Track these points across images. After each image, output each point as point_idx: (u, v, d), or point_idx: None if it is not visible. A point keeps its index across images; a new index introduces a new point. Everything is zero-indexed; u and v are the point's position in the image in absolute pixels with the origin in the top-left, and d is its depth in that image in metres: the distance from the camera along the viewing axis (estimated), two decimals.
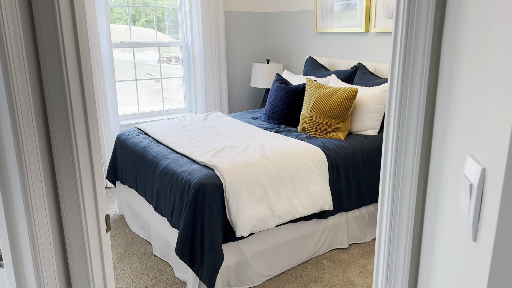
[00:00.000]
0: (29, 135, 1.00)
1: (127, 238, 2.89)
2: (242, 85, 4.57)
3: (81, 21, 1.08)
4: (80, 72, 1.10)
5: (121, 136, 3.04)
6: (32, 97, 1.01)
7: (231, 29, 4.35)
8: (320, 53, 4.01)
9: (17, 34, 0.96)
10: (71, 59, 1.06)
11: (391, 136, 0.96)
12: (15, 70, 0.96)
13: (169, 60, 4.29)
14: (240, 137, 2.76)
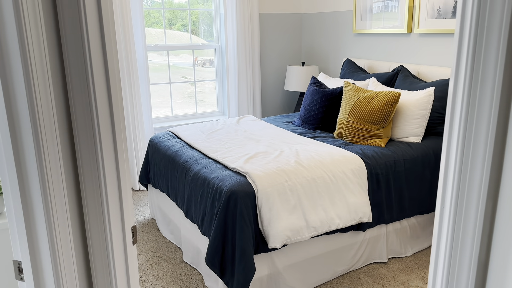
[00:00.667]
0: (51, 143, 0.94)
1: (158, 243, 2.85)
2: (276, 88, 4.47)
3: (109, 29, 1.01)
4: (107, 80, 1.03)
5: (154, 140, 3.01)
6: (56, 103, 0.95)
7: (265, 31, 4.26)
8: (358, 55, 3.85)
9: (41, 44, 0.90)
10: (97, 66, 0.99)
11: (455, 144, 0.82)
12: (38, 77, 0.91)
13: (204, 64, 4.26)
14: (273, 143, 2.66)
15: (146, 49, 3.59)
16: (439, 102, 2.80)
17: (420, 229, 2.73)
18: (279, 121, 3.41)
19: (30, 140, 0.92)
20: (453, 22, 2.95)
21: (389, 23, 3.44)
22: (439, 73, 3.01)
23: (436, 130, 2.82)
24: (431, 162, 2.64)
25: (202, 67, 4.26)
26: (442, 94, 2.80)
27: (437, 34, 3.10)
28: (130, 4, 3.43)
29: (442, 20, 3.02)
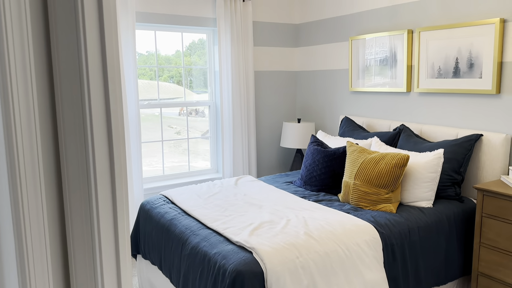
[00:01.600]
0: (33, 196, 0.74)
1: None
2: (271, 145, 4.34)
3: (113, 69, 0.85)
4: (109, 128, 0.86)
5: (146, 205, 2.78)
6: (42, 152, 0.76)
7: (260, 87, 4.21)
8: (356, 113, 3.78)
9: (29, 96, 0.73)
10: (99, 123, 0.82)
11: None
12: (20, 116, 0.72)
13: (190, 113, 4.14)
14: (277, 209, 2.47)
15: (139, 106, 3.45)
16: (448, 164, 2.69)
17: None
18: (278, 182, 3.23)
19: (6, 191, 0.71)
20: (454, 82, 2.92)
21: (388, 81, 3.41)
22: (442, 133, 2.93)
23: (446, 193, 2.68)
24: (445, 228, 2.47)
25: (189, 116, 4.14)
26: (451, 155, 2.69)
27: (438, 94, 3.06)
28: (123, 58, 3.33)
29: (443, 80, 2.99)
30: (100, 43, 0.81)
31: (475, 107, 2.83)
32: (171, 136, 4.00)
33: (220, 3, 3.70)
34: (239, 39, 3.85)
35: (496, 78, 2.65)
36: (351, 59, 3.70)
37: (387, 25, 3.39)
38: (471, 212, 2.62)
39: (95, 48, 0.79)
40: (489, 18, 2.69)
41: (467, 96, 2.87)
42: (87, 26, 0.76)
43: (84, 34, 0.76)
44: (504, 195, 2.27)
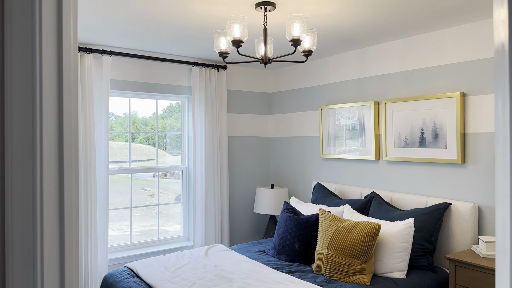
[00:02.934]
0: None
1: None
2: (245, 211, 4.27)
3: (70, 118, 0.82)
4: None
5: (109, 279, 2.61)
6: None
7: (234, 153, 4.23)
8: (328, 179, 3.82)
9: None
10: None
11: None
12: None
13: (165, 175, 4.07)
14: (248, 282, 2.36)
15: (108, 172, 3.37)
16: (419, 233, 2.69)
17: None
18: (251, 251, 3.13)
19: None
20: (421, 151, 3.02)
21: (357, 149, 3.50)
22: (413, 201, 2.97)
23: (419, 263, 2.66)
24: None
25: (163, 178, 4.06)
26: (421, 224, 2.71)
27: (406, 162, 3.15)
28: (94, 123, 3.30)
29: (410, 149, 3.09)
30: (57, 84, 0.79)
31: (442, 176, 2.91)
32: (144, 199, 3.89)
33: (195, 72, 3.82)
34: (214, 105, 3.93)
35: (460, 148, 2.76)
36: (322, 127, 3.82)
37: (355, 96, 3.55)
38: (444, 283, 2.58)
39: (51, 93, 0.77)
40: (450, 92, 2.86)
41: (434, 165, 2.96)
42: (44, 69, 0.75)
43: (40, 71, 0.75)
44: (475, 265, 2.26)
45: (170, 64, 3.80)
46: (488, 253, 2.35)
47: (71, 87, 0.82)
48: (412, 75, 3.11)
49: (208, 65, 3.90)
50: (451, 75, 2.85)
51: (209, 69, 3.92)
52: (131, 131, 3.75)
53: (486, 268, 2.22)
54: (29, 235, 0.78)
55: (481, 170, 2.68)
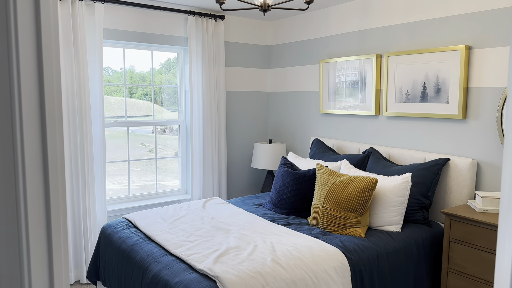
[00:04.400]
0: None
1: None
2: (242, 166, 4.28)
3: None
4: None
5: (106, 229, 2.64)
6: None
7: (232, 107, 4.16)
8: (326, 135, 3.78)
9: None
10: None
11: None
12: None
13: (163, 131, 4.04)
14: (245, 233, 2.38)
15: (104, 125, 3.33)
16: (416, 188, 2.69)
17: None
18: (248, 204, 3.16)
19: None
20: (422, 106, 2.96)
21: (357, 104, 3.44)
22: (410, 157, 2.96)
23: (415, 217, 2.68)
24: (414, 254, 2.45)
25: (162, 134, 4.03)
26: (419, 179, 2.70)
27: (406, 117, 3.10)
28: (88, 75, 3.21)
29: (411, 104, 3.04)
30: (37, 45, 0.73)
31: (442, 131, 2.87)
32: (144, 154, 3.87)
33: (191, 22, 3.67)
34: (211, 58, 3.82)
35: (462, 103, 2.70)
36: (322, 81, 3.73)
37: (357, 49, 3.44)
38: (439, 237, 2.61)
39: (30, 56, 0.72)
40: (455, 44, 2.76)
41: (435, 120, 2.92)
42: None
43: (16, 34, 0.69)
44: (471, 220, 2.28)
45: (165, 13, 3.64)
46: (484, 208, 2.36)
47: (51, 32, 0.75)
48: (416, 27, 2.98)
49: (205, 15, 3.74)
50: (457, 27, 2.74)
51: (206, 19, 3.76)
52: (126, 83, 3.66)
53: (481, 222, 2.23)
54: (11, 194, 0.74)
55: (482, 126, 2.64)
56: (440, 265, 2.62)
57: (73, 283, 3.24)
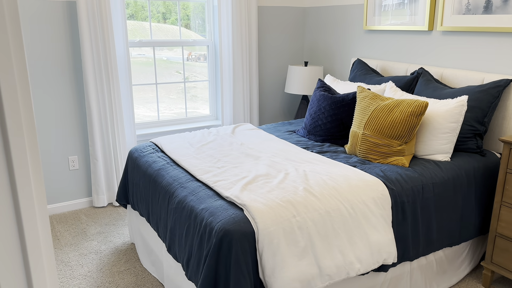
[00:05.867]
0: None
1: (137, 277, 2.40)
2: (275, 90, 4.02)
3: None
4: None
5: (134, 153, 2.55)
6: None
7: (264, 26, 3.81)
8: (370, 55, 3.41)
9: None
10: None
11: None
12: None
13: (198, 58, 3.80)
14: (276, 161, 2.21)
15: (128, 44, 3.12)
16: (471, 113, 2.37)
17: (448, 262, 2.31)
18: (280, 131, 2.96)
19: None
20: (485, 18, 2.52)
21: (408, 18, 3.00)
22: (466, 78, 2.59)
23: (466, 145, 2.39)
24: (463, 185, 2.21)
25: (196, 61, 3.81)
26: (475, 103, 2.37)
27: (465, 33, 2.67)
28: None
29: (472, 16, 2.59)
30: None
31: (507, 48, 2.46)
32: (175, 84, 3.68)
33: None
34: None
35: None
36: None
37: None
38: (493, 167, 2.34)
39: None
40: None
41: (499, 35, 2.49)
42: None
43: None
44: None
45: None
46: None
47: None
48: None
49: None
50: None
51: None
52: (148, 1, 3.36)
53: None
54: None
55: None
56: (492, 198, 2.38)
57: (106, 205, 3.29)
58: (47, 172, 3.08)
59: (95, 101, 3.04)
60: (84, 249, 2.65)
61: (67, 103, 3.05)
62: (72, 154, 3.16)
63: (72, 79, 3.04)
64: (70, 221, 3.02)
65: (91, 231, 2.88)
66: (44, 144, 3.02)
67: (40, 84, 2.93)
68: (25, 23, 2.79)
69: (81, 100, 3.10)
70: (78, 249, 2.65)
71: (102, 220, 3.05)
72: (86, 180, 3.26)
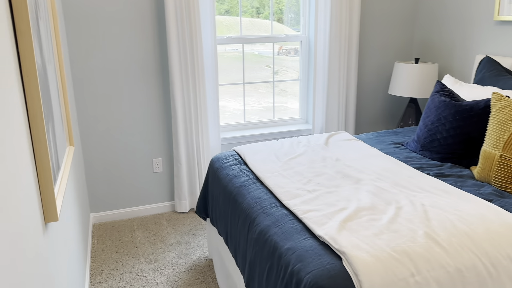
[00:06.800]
0: None
1: None
2: (376, 92, 3.51)
3: None
4: None
5: (215, 163, 2.30)
6: None
7: (367, 17, 3.31)
8: (502, 52, 2.73)
9: None
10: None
11: None
12: None
13: (288, 52, 3.46)
14: (382, 186, 1.77)
15: (216, 42, 2.88)
16: None
17: None
18: (384, 142, 2.48)
19: None
20: None
21: None
22: None
23: None
24: None
25: (286, 55, 3.48)
26: None
27: None
28: None
29: None
30: None
31: None
32: (268, 76, 3.39)
33: None
34: None
35: None
36: None
37: None
38: None
39: None
40: None
41: None
42: None
43: None
44: None
45: None
46: None
47: None
48: None
49: None
50: None
51: None
52: (248, 4, 3.08)
53: None
54: None
55: None
56: None
57: (188, 211, 3.12)
58: (132, 174, 3.00)
59: (180, 102, 2.86)
60: (161, 261, 2.49)
61: (153, 103, 2.92)
62: (156, 156, 3.04)
63: (158, 79, 2.90)
64: (150, 227, 2.91)
65: (170, 240, 2.72)
66: (129, 145, 2.93)
67: (127, 83, 2.83)
68: (112, 21, 2.70)
69: (166, 101, 2.96)
70: (155, 261, 2.49)
71: (182, 228, 2.88)
72: (169, 183, 3.13)
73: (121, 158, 2.94)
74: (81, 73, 2.71)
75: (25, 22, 1.05)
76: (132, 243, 2.69)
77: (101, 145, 2.87)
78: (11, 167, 0.90)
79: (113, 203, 3.00)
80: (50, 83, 1.52)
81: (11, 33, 1.02)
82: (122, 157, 2.94)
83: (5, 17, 0.97)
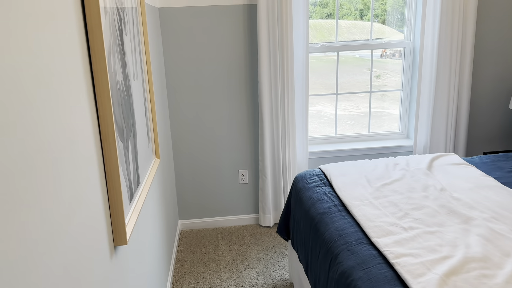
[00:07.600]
0: None
1: None
2: (493, 106, 3.01)
3: None
4: None
5: (298, 182, 2.14)
6: None
7: (484, 18, 2.84)
8: None
9: None
10: None
11: None
12: None
13: (393, 55, 3.15)
14: (498, 229, 1.44)
15: (308, 50, 2.72)
16: None
17: None
18: (503, 169, 2.07)
19: None
20: None
21: None
22: None
23: None
24: None
25: (391, 59, 3.18)
26: None
27: None
28: None
29: None
30: None
31: None
32: (369, 80, 3.14)
33: None
34: None
35: None
36: None
37: None
38: None
39: None
40: None
41: None
42: None
43: None
44: None
45: None
46: None
47: None
48: None
49: None
50: None
51: None
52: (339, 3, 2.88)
53: None
54: None
55: None
56: None
57: (272, 225, 3.02)
58: (218, 184, 2.99)
59: (268, 114, 2.77)
60: (241, 279, 2.41)
61: (241, 114, 2.88)
62: (242, 167, 2.99)
63: (248, 88, 2.84)
64: (234, 239, 2.86)
65: (252, 257, 2.63)
66: (217, 155, 2.93)
67: (216, 94, 2.82)
68: (203, 30, 2.71)
69: (255, 112, 2.89)
70: (235, 278, 2.42)
71: (265, 244, 2.78)
72: (254, 196, 3.06)
73: (209, 167, 2.95)
74: (175, 83, 2.77)
75: (99, 47, 1.02)
76: (215, 255, 2.67)
77: (190, 155, 2.91)
78: (80, 191, 0.88)
79: (200, 211, 3.03)
80: (134, 99, 1.52)
81: (86, 56, 1.00)
82: (210, 167, 2.95)
83: (80, 42, 0.95)
